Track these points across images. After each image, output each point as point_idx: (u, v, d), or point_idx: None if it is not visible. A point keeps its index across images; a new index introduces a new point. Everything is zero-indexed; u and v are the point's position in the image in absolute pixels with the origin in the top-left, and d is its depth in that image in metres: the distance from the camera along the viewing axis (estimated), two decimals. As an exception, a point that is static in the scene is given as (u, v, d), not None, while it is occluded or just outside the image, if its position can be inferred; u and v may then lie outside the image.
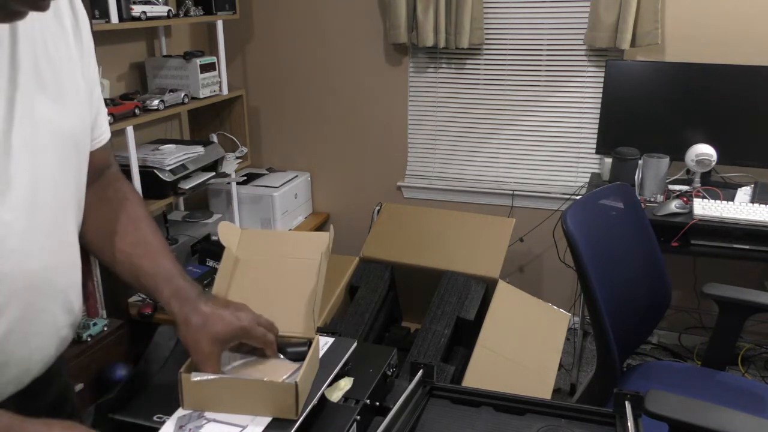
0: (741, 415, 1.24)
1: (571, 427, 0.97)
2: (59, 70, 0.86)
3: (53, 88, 0.85)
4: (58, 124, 0.85)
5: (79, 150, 0.91)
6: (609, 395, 1.22)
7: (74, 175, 0.91)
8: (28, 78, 0.81)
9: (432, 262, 2.37)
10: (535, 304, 2.35)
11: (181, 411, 0.88)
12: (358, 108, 3.19)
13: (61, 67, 0.87)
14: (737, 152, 2.57)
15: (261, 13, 3.19)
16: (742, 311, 1.81)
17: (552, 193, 2.99)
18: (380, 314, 2.34)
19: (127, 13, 2.31)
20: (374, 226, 2.61)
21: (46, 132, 0.83)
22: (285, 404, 0.86)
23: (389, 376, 1.07)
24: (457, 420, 1.00)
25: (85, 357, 2.08)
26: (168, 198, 2.46)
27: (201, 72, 2.67)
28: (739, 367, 2.82)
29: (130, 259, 0.96)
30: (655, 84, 2.60)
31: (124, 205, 1.01)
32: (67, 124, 0.87)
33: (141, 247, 0.97)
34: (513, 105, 2.99)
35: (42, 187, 0.83)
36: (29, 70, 0.81)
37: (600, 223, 1.76)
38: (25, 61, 0.81)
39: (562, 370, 2.79)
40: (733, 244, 2.26)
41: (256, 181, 3.14)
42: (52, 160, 0.85)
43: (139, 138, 2.66)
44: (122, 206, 1.01)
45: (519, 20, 2.87)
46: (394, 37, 2.89)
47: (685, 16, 2.64)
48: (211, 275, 2.46)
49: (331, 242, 1.03)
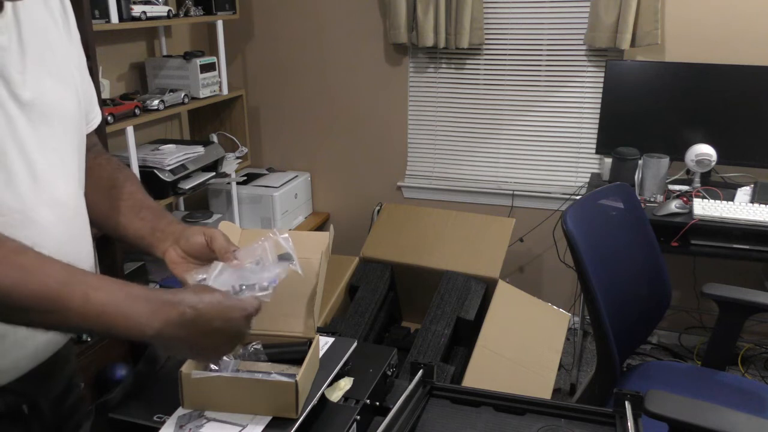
0: (741, 415, 1.24)
1: (571, 427, 0.97)
2: (58, 56, 0.90)
3: (56, 72, 0.89)
4: (64, 106, 0.90)
5: (80, 133, 0.96)
6: (609, 395, 1.22)
7: (80, 158, 0.96)
8: (35, 62, 0.85)
9: (432, 262, 2.37)
10: (535, 304, 2.35)
11: (181, 410, 0.88)
12: (358, 108, 3.19)
13: (59, 53, 0.91)
14: (737, 152, 2.57)
15: (261, 13, 3.19)
16: (742, 311, 1.81)
17: (552, 193, 2.99)
18: (380, 314, 2.34)
19: (127, 13, 2.31)
20: (374, 226, 2.61)
21: (55, 115, 0.88)
22: (285, 403, 0.86)
23: (389, 376, 1.07)
24: (457, 420, 1.00)
25: (85, 357, 2.08)
26: (168, 198, 2.46)
27: (201, 72, 2.67)
28: (739, 367, 2.82)
29: (133, 197, 1.02)
30: (655, 84, 2.60)
31: (119, 168, 1.08)
32: (72, 107, 0.92)
33: (139, 194, 1.04)
34: (513, 105, 2.99)
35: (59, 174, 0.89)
36: (35, 56, 0.85)
37: (600, 223, 1.76)
38: (31, 47, 0.84)
39: (562, 370, 2.79)
40: (733, 244, 2.26)
41: (256, 181, 3.14)
42: (64, 143, 0.90)
43: (139, 138, 2.66)
44: (116, 169, 1.07)
45: (519, 20, 2.87)
46: (394, 37, 2.89)
47: (685, 16, 2.64)
48: (211, 275, 2.45)
49: (331, 242, 1.03)
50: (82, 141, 0.97)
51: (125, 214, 1.01)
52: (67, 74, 0.92)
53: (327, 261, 1.01)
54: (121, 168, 1.08)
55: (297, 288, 0.99)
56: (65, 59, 0.92)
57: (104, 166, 1.06)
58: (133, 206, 1.02)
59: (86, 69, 1.02)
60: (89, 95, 1.02)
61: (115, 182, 1.04)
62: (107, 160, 1.08)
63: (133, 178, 1.07)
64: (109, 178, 1.05)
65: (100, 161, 1.07)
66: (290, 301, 0.99)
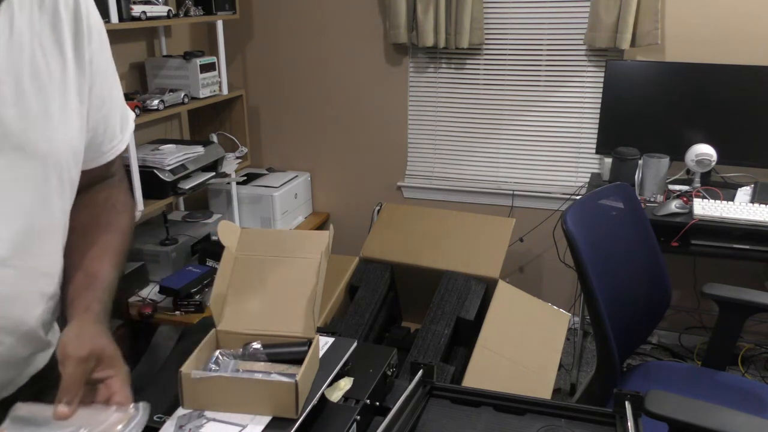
0: (741, 415, 1.24)
1: (571, 427, 0.97)
2: (45, 86, 0.79)
3: (36, 107, 0.78)
4: (29, 138, 0.77)
5: (61, 175, 0.84)
6: (609, 395, 1.22)
7: (55, 203, 0.84)
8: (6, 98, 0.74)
9: (432, 262, 2.37)
10: (535, 304, 2.35)
11: (181, 410, 0.88)
12: (358, 108, 3.19)
13: (47, 82, 0.79)
14: (737, 152, 2.57)
15: (261, 13, 3.19)
16: (742, 311, 1.81)
17: (552, 193, 2.99)
18: (380, 314, 2.34)
19: (127, 13, 2.31)
20: (374, 226, 2.61)
21: (18, 158, 0.76)
22: (285, 403, 0.86)
23: (389, 376, 1.07)
24: (457, 420, 1.00)
25: (85, 357, 2.07)
26: (168, 198, 2.46)
27: (201, 72, 2.67)
28: (739, 367, 2.82)
29: (77, 254, 0.90)
30: (655, 84, 2.60)
31: (108, 212, 0.96)
32: (46, 143, 0.79)
33: (94, 249, 0.91)
34: (513, 105, 2.99)
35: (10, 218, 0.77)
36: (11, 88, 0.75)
37: (600, 223, 1.76)
38: (8, 76, 0.74)
39: (562, 370, 2.79)
40: (733, 244, 2.26)
41: (256, 181, 3.14)
42: (25, 189, 0.79)
43: (139, 138, 2.66)
44: (104, 213, 0.96)
45: (519, 20, 2.87)
46: (394, 37, 2.89)
47: (685, 16, 2.64)
48: (211, 275, 2.46)
49: (331, 241, 1.03)
50: (66, 182, 0.85)
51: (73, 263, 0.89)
52: (55, 108, 0.80)
53: (327, 261, 1.01)
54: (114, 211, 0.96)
55: (297, 288, 0.99)
56: (61, 90, 0.81)
57: (98, 204, 0.96)
58: (83, 263, 0.89)
59: (110, 99, 0.92)
60: (106, 125, 0.92)
61: (92, 226, 0.93)
62: (106, 198, 0.97)
63: (115, 230, 0.94)
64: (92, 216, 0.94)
65: (97, 199, 0.96)
66: (290, 301, 0.99)
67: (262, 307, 0.98)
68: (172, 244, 2.58)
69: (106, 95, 0.91)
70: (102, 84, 0.89)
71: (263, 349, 0.95)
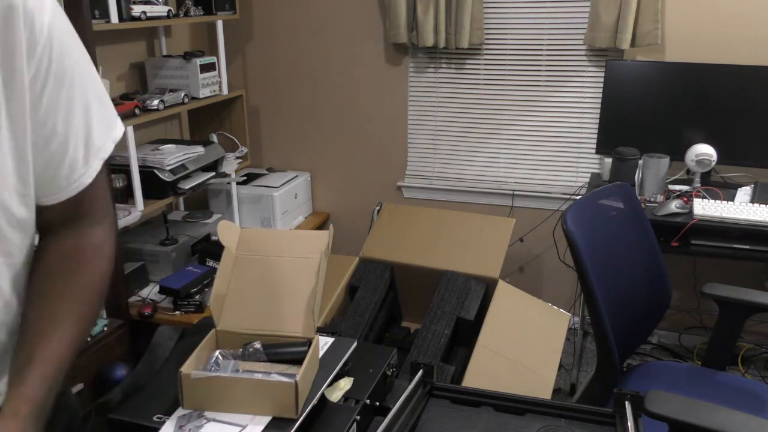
0: (741, 415, 1.24)
1: (571, 427, 0.97)
2: None
3: None
4: None
5: None
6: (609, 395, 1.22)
7: None
8: None
9: (432, 262, 2.37)
10: (535, 304, 2.35)
11: (181, 411, 0.88)
12: (358, 108, 3.19)
13: None
14: (737, 152, 2.57)
15: (261, 13, 3.19)
16: (742, 311, 1.81)
17: (552, 193, 2.99)
18: (380, 314, 2.34)
19: (127, 13, 2.31)
20: (374, 226, 2.61)
21: None
22: (285, 403, 0.86)
23: (389, 376, 1.07)
24: (457, 420, 1.00)
25: (85, 357, 2.08)
26: (168, 198, 2.46)
27: (201, 72, 2.67)
28: (739, 367, 2.82)
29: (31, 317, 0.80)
30: (655, 84, 2.60)
31: (71, 269, 0.82)
32: None
33: (46, 318, 0.79)
34: (513, 105, 2.99)
35: None
36: None
37: (600, 223, 1.76)
38: None
39: (562, 370, 2.79)
40: (733, 244, 2.26)
41: (256, 181, 3.14)
42: None
43: (139, 138, 2.66)
44: (65, 270, 0.82)
45: (519, 20, 2.87)
46: (394, 37, 2.89)
47: (685, 16, 2.64)
48: (211, 275, 2.46)
49: (331, 241, 1.03)
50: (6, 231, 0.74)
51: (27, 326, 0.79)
52: None
53: (327, 261, 1.01)
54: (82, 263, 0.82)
55: (297, 288, 0.99)
56: None
57: (62, 258, 0.82)
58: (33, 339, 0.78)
59: (68, 119, 0.76)
60: (62, 156, 0.76)
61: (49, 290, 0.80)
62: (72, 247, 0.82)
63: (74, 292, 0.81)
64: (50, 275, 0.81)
65: (63, 247, 0.81)
66: (290, 301, 0.99)
67: (262, 307, 0.98)
68: (172, 244, 2.58)
69: (60, 119, 0.75)
70: (53, 105, 0.73)
71: (263, 349, 0.95)
